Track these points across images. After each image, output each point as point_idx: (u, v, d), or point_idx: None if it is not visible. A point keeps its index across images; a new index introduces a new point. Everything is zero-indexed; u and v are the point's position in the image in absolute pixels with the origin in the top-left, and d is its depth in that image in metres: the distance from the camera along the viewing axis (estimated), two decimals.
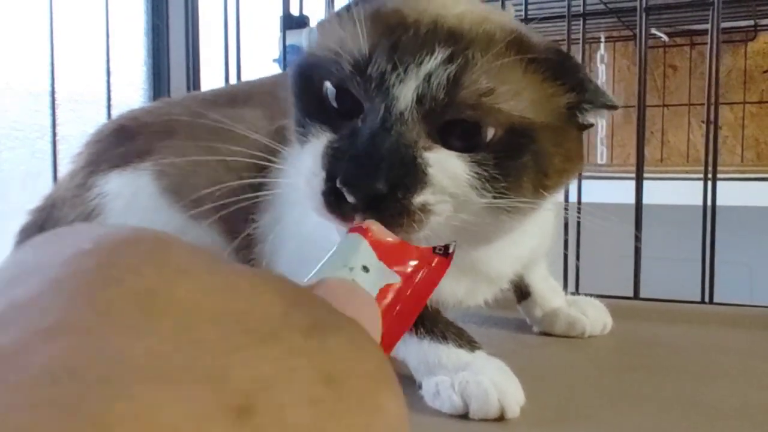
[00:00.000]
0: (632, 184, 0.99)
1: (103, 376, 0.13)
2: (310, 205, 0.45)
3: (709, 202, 0.96)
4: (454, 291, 0.60)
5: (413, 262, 0.33)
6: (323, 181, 0.43)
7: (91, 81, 1.13)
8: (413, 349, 0.57)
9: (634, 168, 1.00)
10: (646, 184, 0.98)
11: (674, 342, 0.75)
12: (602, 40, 2.16)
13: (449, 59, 0.44)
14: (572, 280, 1.01)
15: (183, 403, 0.13)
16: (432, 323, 0.58)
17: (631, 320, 0.82)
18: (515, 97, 0.46)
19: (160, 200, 0.69)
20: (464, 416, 0.52)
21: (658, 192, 1.41)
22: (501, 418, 0.52)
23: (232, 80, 1.18)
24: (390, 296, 0.31)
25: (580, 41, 1.08)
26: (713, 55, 0.97)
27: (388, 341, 0.30)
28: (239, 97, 0.77)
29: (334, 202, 0.42)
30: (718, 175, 0.96)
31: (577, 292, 0.95)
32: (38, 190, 0.83)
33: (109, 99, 1.08)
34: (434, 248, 0.35)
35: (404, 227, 0.42)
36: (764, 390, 0.59)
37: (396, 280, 0.31)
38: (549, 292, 0.77)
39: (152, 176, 0.71)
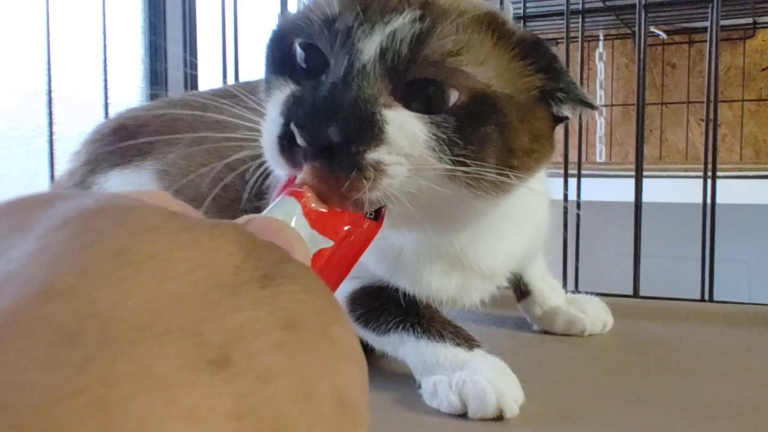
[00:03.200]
0: (631, 182, 0.99)
1: (100, 338, 0.15)
2: (266, 151, 0.44)
3: (708, 200, 0.96)
4: (444, 287, 0.59)
5: (345, 227, 0.35)
6: (280, 125, 0.42)
7: (88, 80, 1.12)
8: (411, 349, 0.57)
9: (633, 166, 1.00)
10: (645, 182, 0.98)
11: (674, 340, 0.75)
12: (601, 38, 2.16)
13: (419, 19, 0.45)
14: (571, 279, 1.01)
15: (171, 358, 0.16)
16: (429, 323, 0.58)
17: (631, 318, 0.82)
18: (481, 65, 0.46)
19: None
20: (463, 415, 0.52)
21: (657, 190, 1.41)
22: (500, 417, 0.51)
23: (230, 79, 1.18)
24: (322, 258, 0.33)
25: (579, 39, 1.08)
26: (712, 52, 0.97)
27: None
28: (240, 97, 0.76)
29: (287, 146, 0.42)
30: (717, 173, 0.96)
31: (576, 290, 0.94)
32: (35, 188, 0.83)
33: (106, 98, 1.08)
34: (366, 213, 0.36)
35: (353, 183, 0.40)
36: (763, 388, 0.59)
37: (328, 244, 0.33)
38: (549, 291, 0.77)
39: (154, 175, 0.71)
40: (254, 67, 1.25)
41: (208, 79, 1.27)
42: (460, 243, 0.57)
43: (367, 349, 0.63)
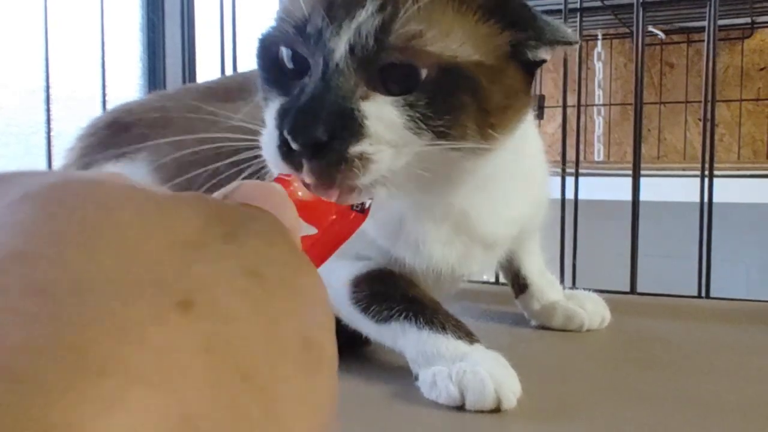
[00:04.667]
0: (629, 181, 0.99)
1: (71, 290, 0.16)
2: (270, 162, 0.48)
3: (705, 199, 0.96)
4: (445, 256, 0.61)
5: (331, 217, 0.37)
6: (277, 137, 0.46)
7: (87, 77, 1.12)
8: (412, 340, 0.57)
9: (630, 165, 1.00)
10: (642, 181, 0.99)
11: (671, 336, 0.75)
12: (599, 37, 2.17)
13: (380, 9, 0.47)
14: (569, 277, 1.01)
15: (140, 305, 0.17)
16: (432, 314, 0.58)
17: (628, 314, 0.82)
18: (445, 39, 0.48)
19: None
20: (461, 407, 0.52)
21: (655, 189, 1.41)
22: (497, 410, 0.51)
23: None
24: (305, 244, 0.34)
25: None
26: (710, 52, 0.97)
27: None
28: (234, 89, 0.76)
29: (287, 152, 0.45)
30: (715, 173, 0.96)
31: (574, 287, 0.95)
32: None
33: (104, 95, 1.08)
34: (352, 205, 0.39)
35: (343, 174, 0.44)
36: (760, 384, 0.59)
37: (313, 231, 0.35)
38: (547, 286, 0.77)
39: (149, 168, 0.71)
40: (252, 64, 1.24)
41: (207, 76, 1.27)
42: (462, 206, 0.59)
43: (361, 341, 0.63)
